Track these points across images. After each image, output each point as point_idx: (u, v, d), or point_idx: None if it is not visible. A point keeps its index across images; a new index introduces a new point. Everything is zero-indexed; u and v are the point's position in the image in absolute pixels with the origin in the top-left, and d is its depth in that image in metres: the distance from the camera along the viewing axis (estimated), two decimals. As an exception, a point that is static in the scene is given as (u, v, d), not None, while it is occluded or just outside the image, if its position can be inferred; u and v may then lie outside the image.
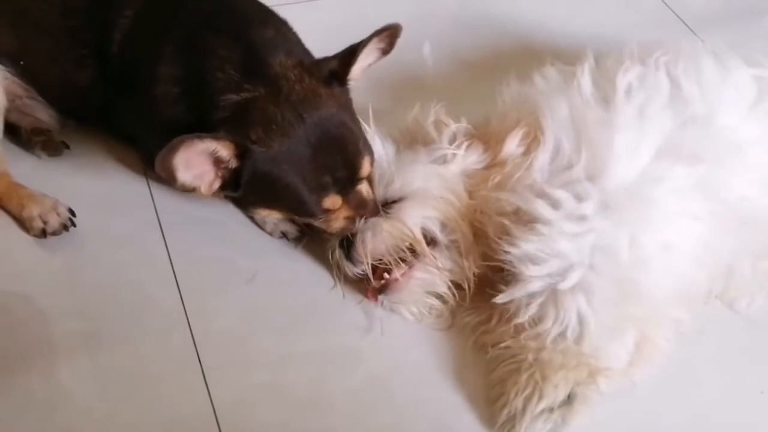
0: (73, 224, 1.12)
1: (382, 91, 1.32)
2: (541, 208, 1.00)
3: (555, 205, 1.00)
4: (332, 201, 1.00)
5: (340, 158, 0.99)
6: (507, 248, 0.99)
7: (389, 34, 1.03)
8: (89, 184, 1.19)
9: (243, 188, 0.98)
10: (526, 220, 1.04)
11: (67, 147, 1.22)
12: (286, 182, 0.97)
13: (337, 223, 1.04)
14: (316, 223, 1.05)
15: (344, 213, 1.03)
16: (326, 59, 1.04)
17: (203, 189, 0.97)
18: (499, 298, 1.01)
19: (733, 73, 1.08)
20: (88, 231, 1.14)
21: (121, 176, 1.21)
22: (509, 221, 1.03)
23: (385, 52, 1.06)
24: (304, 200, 0.99)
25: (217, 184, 0.98)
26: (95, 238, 1.13)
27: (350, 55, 1.02)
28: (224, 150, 0.95)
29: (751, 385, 1.04)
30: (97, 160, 1.22)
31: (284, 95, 0.97)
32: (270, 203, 1.04)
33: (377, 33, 1.02)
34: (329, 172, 0.98)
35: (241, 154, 0.95)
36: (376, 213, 1.04)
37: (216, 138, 0.94)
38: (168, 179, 0.95)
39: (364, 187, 1.03)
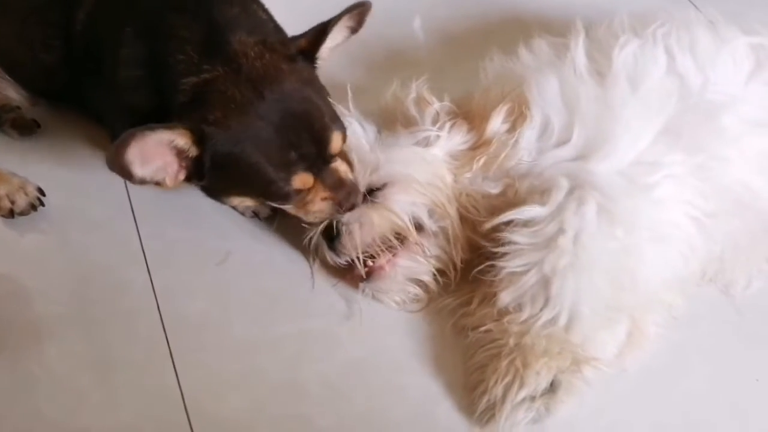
0: (42, 204, 1.10)
1: (365, 69, 1.29)
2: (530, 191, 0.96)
3: (544, 189, 0.96)
4: (302, 179, 0.95)
5: (306, 134, 0.94)
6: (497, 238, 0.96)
7: (359, 13, 0.99)
8: (60, 164, 1.17)
9: (207, 175, 0.94)
10: (514, 202, 1.00)
11: (38, 126, 1.19)
12: (249, 163, 0.93)
13: (315, 206, 0.98)
14: (293, 210, 1.00)
15: (320, 194, 0.98)
16: (295, 38, 1.00)
17: (168, 181, 0.93)
18: (502, 300, 0.97)
19: (729, 44, 1.03)
20: (58, 211, 1.11)
21: (92, 156, 1.17)
22: (497, 204, 0.99)
23: (354, 30, 1.02)
24: (271, 180, 0.94)
25: (182, 175, 0.94)
26: (65, 218, 1.11)
27: (320, 33, 0.98)
28: (180, 139, 0.90)
29: (746, 372, 1.00)
30: (69, 139, 1.19)
31: (244, 73, 0.93)
32: (238, 188, 0.99)
33: (347, 11, 0.98)
34: (294, 148, 0.94)
35: (199, 139, 0.91)
36: (358, 197, 0.99)
37: (169, 127, 0.90)
38: (123, 176, 0.90)
39: (340, 166, 0.98)
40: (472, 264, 1.03)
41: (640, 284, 0.96)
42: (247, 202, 1.06)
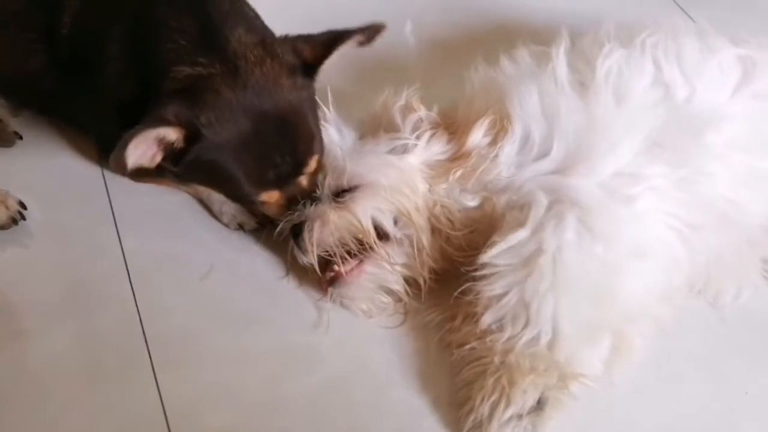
0: (23, 218, 1.09)
1: (353, 75, 1.27)
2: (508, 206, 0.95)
3: (523, 203, 0.95)
4: (270, 195, 0.98)
5: (290, 157, 0.95)
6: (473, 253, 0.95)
7: (372, 32, 0.98)
8: (42, 176, 1.16)
9: (183, 167, 0.94)
10: (491, 216, 0.99)
11: (20, 137, 1.18)
12: (228, 172, 0.94)
13: (271, 209, 1.02)
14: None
15: (279, 201, 1.00)
16: (290, 39, 0.99)
17: (146, 162, 0.93)
18: (484, 322, 0.96)
19: (716, 55, 1.01)
20: (39, 224, 1.10)
21: (75, 168, 1.17)
22: (474, 217, 0.98)
23: (362, 44, 1.01)
24: (242, 192, 0.96)
25: (159, 157, 0.94)
26: (47, 231, 1.10)
27: (327, 47, 0.97)
28: (173, 134, 0.91)
29: (735, 384, 0.99)
30: (51, 150, 1.19)
31: (242, 79, 0.92)
32: (207, 184, 1.04)
33: (360, 30, 0.97)
34: (274, 168, 0.95)
35: (190, 138, 0.92)
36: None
37: (168, 124, 0.90)
38: (121, 173, 0.93)
39: (304, 180, 1.00)
40: (451, 276, 1.02)
41: (621, 301, 0.94)
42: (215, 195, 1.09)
